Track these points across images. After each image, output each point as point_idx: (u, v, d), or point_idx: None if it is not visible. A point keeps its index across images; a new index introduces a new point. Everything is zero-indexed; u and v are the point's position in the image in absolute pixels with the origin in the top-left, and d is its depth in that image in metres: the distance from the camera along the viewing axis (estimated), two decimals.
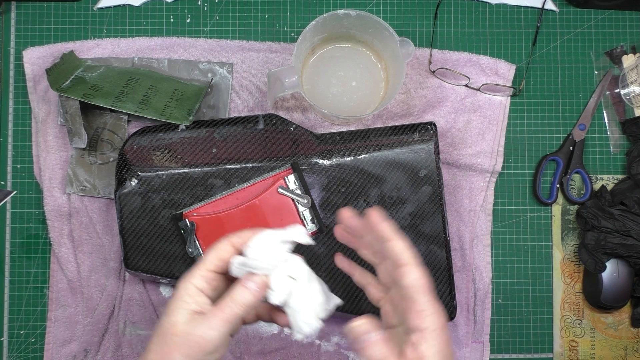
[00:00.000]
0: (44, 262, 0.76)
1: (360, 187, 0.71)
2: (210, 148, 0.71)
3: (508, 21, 0.80)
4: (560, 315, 0.79)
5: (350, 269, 0.57)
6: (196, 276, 0.49)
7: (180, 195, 0.70)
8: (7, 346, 0.76)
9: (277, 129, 0.71)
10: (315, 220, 0.71)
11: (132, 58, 0.76)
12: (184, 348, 0.47)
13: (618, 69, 0.80)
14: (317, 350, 0.77)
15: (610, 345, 0.79)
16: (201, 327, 0.47)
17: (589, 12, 0.81)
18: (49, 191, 0.75)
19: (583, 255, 0.76)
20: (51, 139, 0.75)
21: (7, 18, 0.77)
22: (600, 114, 0.80)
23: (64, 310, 0.75)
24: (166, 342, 0.48)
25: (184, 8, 0.78)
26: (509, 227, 0.79)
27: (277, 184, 0.70)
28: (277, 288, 0.49)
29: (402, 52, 0.69)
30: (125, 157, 0.70)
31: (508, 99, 0.79)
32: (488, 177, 0.78)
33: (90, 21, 0.78)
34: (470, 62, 0.78)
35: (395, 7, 0.80)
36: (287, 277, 0.49)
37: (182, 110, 0.72)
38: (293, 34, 0.79)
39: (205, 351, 0.47)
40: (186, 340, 0.47)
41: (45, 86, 0.75)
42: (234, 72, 0.77)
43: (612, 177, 0.80)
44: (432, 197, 0.72)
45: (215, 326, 0.48)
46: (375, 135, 0.72)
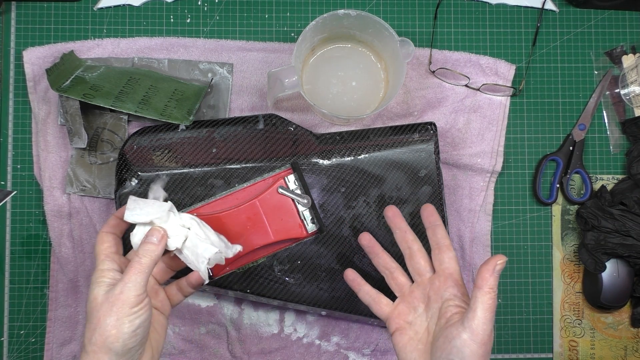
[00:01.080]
0: (44, 262, 0.76)
1: (360, 187, 0.71)
2: (210, 148, 0.71)
3: (508, 21, 0.80)
4: (560, 315, 0.79)
5: (376, 249, 0.64)
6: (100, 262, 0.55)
7: (180, 195, 0.70)
8: (7, 346, 0.76)
9: (277, 129, 0.71)
10: (315, 220, 0.71)
11: (132, 58, 0.76)
12: (109, 310, 0.51)
13: (618, 69, 0.80)
14: (317, 350, 0.77)
15: (610, 345, 0.79)
16: (118, 287, 0.52)
17: (589, 12, 0.81)
18: (49, 191, 0.75)
19: (583, 255, 0.76)
20: (51, 139, 0.75)
21: (7, 18, 0.77)
22: (600, 114, 0.80)
23: (64, 310, 0.75)
24: (93, 314, 0.52)
25: (184, 8, 0.78)
26: (509, 227, 0.79)
27: (277, 184, 0.70)
28: (173, 234, 0.56)
29: (402, 52, 0.69)
30: (125, 157, 0.70)
31: (508, 99, 0.79)
32: (488, 177, 0.78)
33: (90, 21, 0.78)
34: (470, 62, 0.78)
35: (395, 7, 0.80)
36: (181, 226, 0.57)
37: (182, 110, 0.72)
38: (293, 34, 0.79)
39: (129, 304, 0.52)
40: (109, 304, 0.52)
41: (45, 86, 0.75)
42: (234, 72, 0.77)
43: (612, 177, 0.80)
44: (432, 197, 0.72)
45: (129, 280, 0.52)
46: (375, 135, 0.72)
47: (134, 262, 0.54)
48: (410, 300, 0.61)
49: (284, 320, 0.77)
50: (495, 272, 0.53)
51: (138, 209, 0.56)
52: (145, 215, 0.56)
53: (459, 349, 0.53)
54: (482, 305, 0.53)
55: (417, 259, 0.61)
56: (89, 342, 0.52)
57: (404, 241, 0.62)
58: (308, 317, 0.77)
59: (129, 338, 0.52)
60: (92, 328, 0.52)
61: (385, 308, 0.62)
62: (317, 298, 0.71)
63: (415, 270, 0.61)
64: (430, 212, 0.62)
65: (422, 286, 0.60)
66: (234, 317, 0.76)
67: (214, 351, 0.76)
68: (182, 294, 0.62)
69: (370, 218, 0.71)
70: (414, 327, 0.59)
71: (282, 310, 0.77)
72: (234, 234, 0.69)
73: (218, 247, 0.57)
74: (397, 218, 0.63)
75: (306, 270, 0.71)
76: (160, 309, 0.60)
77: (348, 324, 0.77)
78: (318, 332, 0.77)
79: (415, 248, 0.61)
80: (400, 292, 0.62)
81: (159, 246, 0.55)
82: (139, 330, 0.52)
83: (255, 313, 0.77)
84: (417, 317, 0.59)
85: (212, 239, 0.58)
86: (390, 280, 0.63)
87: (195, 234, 0.57)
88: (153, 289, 0.61)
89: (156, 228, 0.56)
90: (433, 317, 0.58)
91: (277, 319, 0.77)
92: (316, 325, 0.77)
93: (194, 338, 0.76)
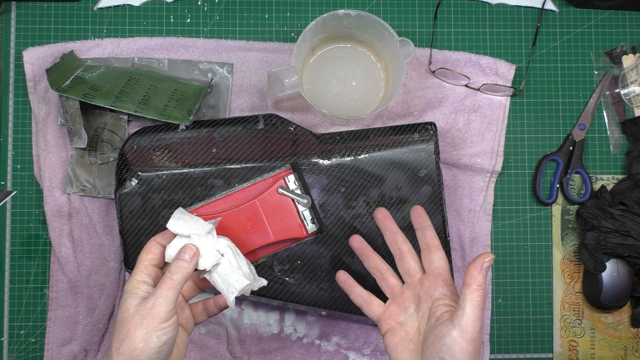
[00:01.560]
0: (44, 262, 0.76)
1: (360, 187, 0.71)
2: (210, 148, 0.71)
3: (508, 21, 0.80)
4: (560, 315, 0.79)
5: (367, 251, 0.64)
6: (137, 272, 0.56)
7: (180, 195, 0.70)
8: (7, 346, 0.76)
9: (277, 129, 0.71)
10: (315, 220, 0.71)
11: (132, 58, 0.76)
12: (139, 323, 0.52)
13: (618, 69, 0.80)
14: (317, 350, 0.77)
15: (610, 345, 0.79)
16: (149, 301, 0.53)
17: (589, 12, 0.81)
18: (49, 191, 0.75)
19: (583, 255, 0.76)
20: (51, 139, 0.75)
21: (7, 18, 0.77)
22: (600, 114, 0.80)
23: (64, 310, 0.75)
24: (123, 325, 0.53)
25: (184, 8, 0.78)
26: (509, 227, 0.79)
27: (277, 184, 0.70)
28: (205, 255, 0.57)
29: (402, 52, 0.69)
30: (125, 157, 0.70)
31: (508, 99, 0.79)
32: (488, 177, 0.78)
33: (90, 21, 0.78)
34: (470, 62, 0.78)
35: (395, 7, 0.80)
36: (215, 250, 0.58)
37: (182, 110, 0.72)
38: (293, 34, 0.79)
39: (159, 319, 0.53)
40: (140, 317, 0.53)
41: (45, 86, 0.75)
42: (234, 72, 0.77)
43: (612, 177, 0.80)
44: (432, 197, 0.72)
45: (161, 295, 0.53)
46: (375, 135, 0.72)
47: (166, 277, 0.54)
48: (401, 301, 0.61)
49: (284, 320, 0.77)
50: (483, 270, 0.54)
51: (182, 221, 0.57)
52: (187, 229, 0.57)
53: (449, 346, 0.53)
54: (470, 303, 0.53)
55: (407, 259, 0.62)
56: (116, 351, 0.53)
57: (394, 242, 0.63)
58: (308, 317, 0.77)
59: (155, 353, 0.52)
60: (120, 338, 0.53)
61: (377, 309, 0.62)
62: (317, 298, 0.71)
63: (406, 271, 0.62)
64: (419, 213, 0.63)
65: (412, 287, 0.61)
66: (234, 317, 0.76)
67: (214, 351, 0.76)
68: (207, 313, 0.62)
69: (370, 218, 0.71)
70: (405, 328, 0.60)
71: (282, 310, 0.77)
72: (234, 234, 0.69)
73: (249, 280, 0.58)
74: (387, 220, 0.64)
75: (306, 270, 0.71)
76: (184, 326, 0.61)
77: (348, 324, 0.77)
78: (318, 332, 0.77)
79: (405, 249, 0.62)
80: (391, 293, 0.62)
81: (190, 263, 0.55)
82: (165, 346, 0.53)
83: (255, 313, 0.77)
84: (408, 318, 0.60)
85: (244, 270, 0.58)
86: (382, 282, 0.63)
87: (228, 261, 0.58)
88: (179, 305, 0.61)
89: (189, 245, 0.56)
90: (423, 317, 0.59)
91: (277, 319, 0.77)
92: (316, 325, 0.77)
93: (194, 338, 0.76)
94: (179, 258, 0.56)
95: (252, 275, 0.59)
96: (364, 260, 0.65)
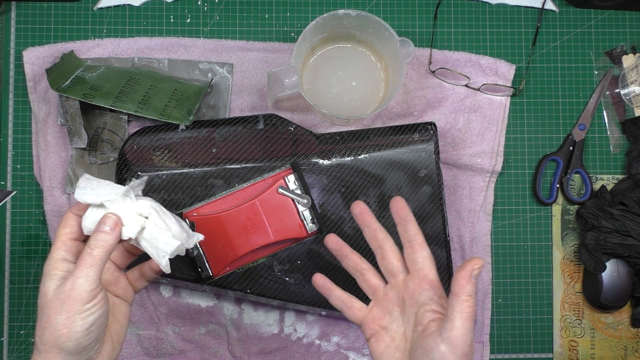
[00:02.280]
0: (44, 262, 0.76)
1: (360, 187, 0.71)
2: (210, 148, 0.71)
3: (508, 21, 0.80)
4: (560, 315, 0.79)
5: (344, 250, 0.59)
6: (54, 250, 0.51)
7: (180, 195, 0.70)
8: (7, 346, 0.76)
9: (277, 129, 0.71)
10: (315, 220, 0.71)
11: (132, 58, 0.76)
12: (59, 308, 0.48)
13: (618, 69, 0.80)
14: (317, 350, 0.77)
15: (610, 345, 0.79)
16: (68, 282, 0.48)
17: (589, 12, 0.81)
18: (49, 191, 0.75)
19: (583, 255, 0.76)
20: (51, 139, 0.75)
21: (7, 18, 0.77)
22: (600, 114, 0.80)
23: None
24: (44, 311, 0.49)
25: (184, 8, 0.78)
26: (509, 227, 0.79)
27: (277, 184, 0.70)
28: (128, 223, 0.51)
29: (402, 52, 0.69)
30: (125, 157, 0.70)
31: (508, 99, 0.79)
32: (488, 177, 0.78)
33: (90, 21, 0.78)
34: (470, 62, 0.78)
35: (395, 7, 0.80)
36: (137, 214, 0.52)
37: (182, 110, 0.72)
38: (293, 34, 0.79)
39: (81, 301, 0.48)
40: (59, 300, 0.48)
41: (45, 86, 0.75)
42: (234, 72, 0.77)
43: (612, 177, 0.80)
44: (432, 197, 0.72)
45: (80, 275, 0.48)
46: (375, 135, 0.72)
47: (85, 254, 0.49)
48: (385, 303, 0.56)
49: (284, 320, 0.77)
50: (472, 278, 0.50)
51: (89, 189, 0.51)
52: (96, 196, 0.51)
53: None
54: (460, 315, 0.49)
55: (389, 258, 0.56)
56: (40, 341, 0.49)
57: (375, 240, 0.57)
58: (308, 317, 0.77)
59: (82, 337, 0.48)
60: (42, 326, 0.49)
61: (359, 312, 0.57)
62: (317, 298, 0.71)
63: (388, 270, 0.57)
64: (400, 205, 0.56)
65: (396, 288, 0.56)
66: (234, 317, 0.76)
67: (214, 351, 0.76)
68: (146, 279, 0.58)
69: None
70: (390, 333, 0.55)
71: (282, 310, 0.77)
72: (234, 234, 0.69)
73: (180, 239, 0.52)
74: (366, 215, 0.58)
75: (306, 270, 0.71)
76: (122, 297, 0.56)
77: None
78: (318, 332, 0.77)
79: (387, 247, 0.57)
80: (373, 294, 0.58)
81: (111, 235, 0.50)
82: (93, 327, 0.49)
83: (255, 313, 0.77)
84: (393, 322, 0.56)
85: (173, 230, 0.53)
86: (363, 283, 0.58)
87: (154, 224, 0.52)
88: (113, 276, 0.56)
89: (108, 215, 0.51)
90: (409, 322, 0.54)
91: (277, 319, 0.77)
92: (316, 325, 0.77)
93: (194, 338, 0.76)
94: (98, 230, 0.50)
95: (185, 233, 0.54)
96: (342, 261, 0.59)
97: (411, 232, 0.56)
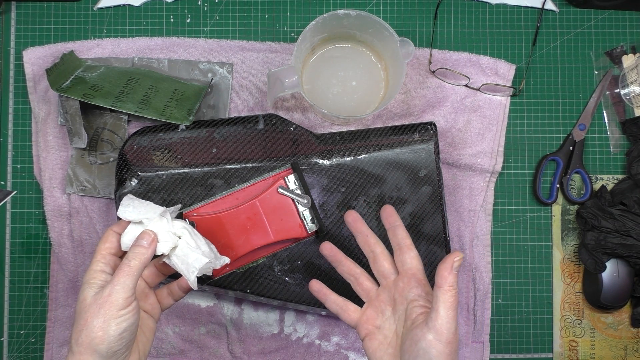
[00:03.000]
0: (44, 262, 0.76)
1: (360, 187, 0.71)
2: (210, 148, 0.71)
3: (508, 21, 0.80)
4: (560, 315, 0.79)
5: (339, 257, 0.64)
6: (94, 262, 0.55)
7: (180, 195, 0.70)
8: (7, 346, 0.76)
9: (277, 129, 0.71)
10: (315, 220, 0.71)
11: (132, 58, 0.76)
12: (97, 312, 0.52)
13: (618, 69, 0.80)
14: (317, 350, 0.77)
15: (610, 345, 0.79)
16: (107, 289, 0.53)
17: (589, 12, 0.81)
18: (49, 191, 0.75)
19: (583, 255, 0.76)
20: (51, 139, 0.75)
21: (7, 18, 0.77)
22: (600, 114, 0.80)
23: (64, 310, 0.75)
24: (81, 315, 0.53)
25: (184, 8, 0.78)
26: (509, 227, 0.79)
27: (277, 184, 0.70)
28: (163, 240, 0.57)
29: (402, 52, 0.69)
30: (125, 157, 0.70)
31: (508, 99, 0.79)
32: (488, 177, 0.78)
33: (90, 21, 0.78)
34: (470, 62, 0.78)
35: (395, 7, 0.80)
36: (171, 233, 0.58)
37: (182, 110, 0.72)
38: (293, 34, 0.79)
39: (117, 306, 0.52)
40: (97, 305, 0.52)
41: (45, 86, 0.75)
42: (234, 72, 0.77)
43: (612, 177, 0.80)
44: (432, 197, 0.72)
45: (118, 282, 0.53)
46: (375, 135, 0.72)
47: (123, 264, 0.54)
48: (377, 304, 0.61)
49: (284, 320, 0.77)
50: (453, 269, 0.54)
51: (132, 207, 0.57)
52: (137, 214, 0.57)
53: (425, 350, 0.53)
54: (444, 304, 0.53)
55: (380, 261, 0.61)
56: (75, 342, 0.52)
57: (367, 245, 0.63)
58: (308, 317, 0.77)
59: (115, 341, 0.52)
60: (79, 329, 0.52)
61: (354, 315, 0.62)
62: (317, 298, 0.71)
63: (380, 273, 0.61)
64: (389, 212, 0.62)
65: (387, 289, 0.60)
66: (234, 317, 0.76)
67: (214, 351, 0.76)
68: (173, 298, 0.62)
69: (370, 218, 0.71)
70: (383, 331, 0.59)
71: (282, 310, 0.77)
72: (234, 234, 0.69)
73: (208, 258, 0.57)
74: (358, 222, 0.64)
75: (306, 270, 0.71)
76: (150, 312, 0.60)
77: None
78: (318, 332, 0.77)
79: (378, 251, 0.62)
80: (367, 297, 0.62)
81: (148, 249, 0.55)
82: (125, 333, 0.52)
83: (255, 313, 0.77)
84: (385, 321, 0.59)
85: (202, 249, 0.58)
86: (357, 286, 0.63)
87: (186, 242, 0.58)
88: (143, 292, 0.61)
89: (147, 231, 0.56)
90: (400, 319, 0.58)
91: (277, 319, 0.77)
92: (316, 325, 0.77)
93: (194, 338, 0.76)
94: (136, 244, 0.55)
95: (213, 253, 0.59)
96: (337, 267, 0.64)
97: (400, 236, 0.61)
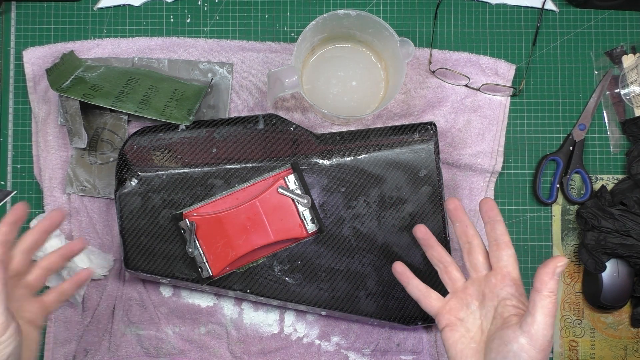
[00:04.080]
0: None
1: (360, 187, 0.71)
2: (210, 148, 0.71)
3: (508, 21, 0.80)
4: (560, 315, 0.79)
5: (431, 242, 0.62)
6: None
7: (180, 195, 0.70)
8: None
9: (277, 129, 0.71)
10: (315, 220, 0.71)
11: (132, 58, 0.77)
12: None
13: (618, 69, 0.80)
14: (317, 350, 0.77)
15: (610, 345, 0.79)
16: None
17: (589, 12, 0.81)
18: (49, 191, 0.75)
19: (583, 255, 0.76)
20: (51, 139, 0.75)
21: (7, 18, 0.77)
22: (600, 114, 0.80)
23: (64, 310, 0.75)
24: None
25: (184, 8, 0.78)
26: (509, 227, 0.79)
27: (277, 184, 0.70)
28: None
29: (402, 52, 0.69)
30: (125, 157, 0.70)
31: (508, 99, 0.79)
32: (488, 177, 0.78)
33: (90, 21, 0.78)
34: (470, 62, 0.78)
35: (395, 7, 0.80)
36: None
37: (182, 110, 0.72)
38: (293, 34, 0.79)
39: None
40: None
41: (45, 86, 0.75)
42: (234, 72, 0.77)
43: (612, 177, 0.80)
44: (432, 197, 0.72)
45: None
46: (375, 135, 0.72)
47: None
48: (463, 297, 0.59)
49: (284, 320, 0.77)
50: (555, 275, 0.52)
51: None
52: None
53: (516, 353, 0.51)
54: (541, 310, 0.51)
55: (475, 254, 0.59)
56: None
57: (464, 235, 0.60)
58: (308, 317, 0.77)
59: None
60: None
61: (435, 303, 0.60)
62: (317, 298, 0.71)
63: (473, 265, 0.59)
64: (490, 206, 0.59)
65: (477, 283, 0.59)
66: (234, 317, 0.76)
67: (214, 351, 0.76)
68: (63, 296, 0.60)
69: (371, 218, 0.71)
70: (466, 325, 0.58)
71: (282, 310, 0.77)
72: (234, 234, 0.69)
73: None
74: (459, 211, 0.61)
75: (306, 270, 0.71)
76: (33, 321, 0.56)
77: (348, 324, 0.77)
78: (318, 332, 0.77)
79: (476, 243, 0.60)
80: (452, 287, 0.60)
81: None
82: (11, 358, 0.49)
83: (255, 313, 0.77)
84: (470, 314, 0.58)
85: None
86: (444, 275, 0.61)
87: None
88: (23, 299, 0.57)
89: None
90: (487, 315, 0.57)
91: (277, 319, 0.77)
92: (316, 325, 0.77)
93: (194, 338, 0.76)
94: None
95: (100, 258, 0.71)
96: (427, 251, 0.62)
97: (498, 232, 0.58)
